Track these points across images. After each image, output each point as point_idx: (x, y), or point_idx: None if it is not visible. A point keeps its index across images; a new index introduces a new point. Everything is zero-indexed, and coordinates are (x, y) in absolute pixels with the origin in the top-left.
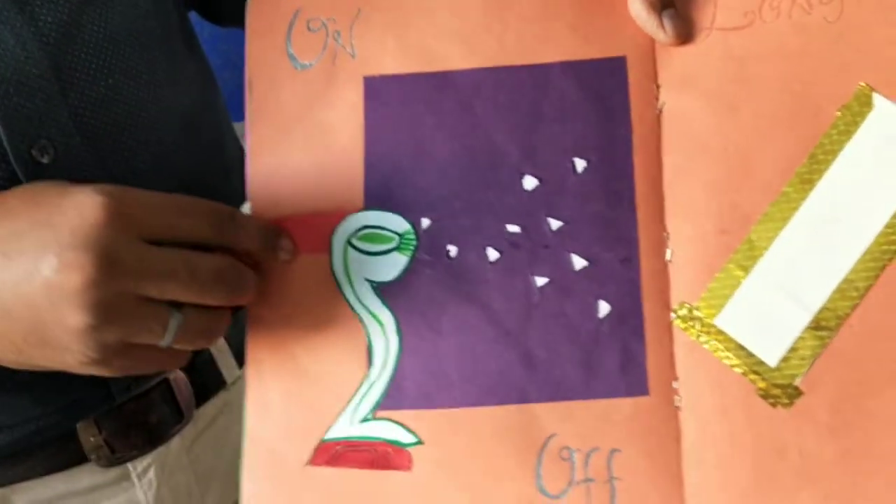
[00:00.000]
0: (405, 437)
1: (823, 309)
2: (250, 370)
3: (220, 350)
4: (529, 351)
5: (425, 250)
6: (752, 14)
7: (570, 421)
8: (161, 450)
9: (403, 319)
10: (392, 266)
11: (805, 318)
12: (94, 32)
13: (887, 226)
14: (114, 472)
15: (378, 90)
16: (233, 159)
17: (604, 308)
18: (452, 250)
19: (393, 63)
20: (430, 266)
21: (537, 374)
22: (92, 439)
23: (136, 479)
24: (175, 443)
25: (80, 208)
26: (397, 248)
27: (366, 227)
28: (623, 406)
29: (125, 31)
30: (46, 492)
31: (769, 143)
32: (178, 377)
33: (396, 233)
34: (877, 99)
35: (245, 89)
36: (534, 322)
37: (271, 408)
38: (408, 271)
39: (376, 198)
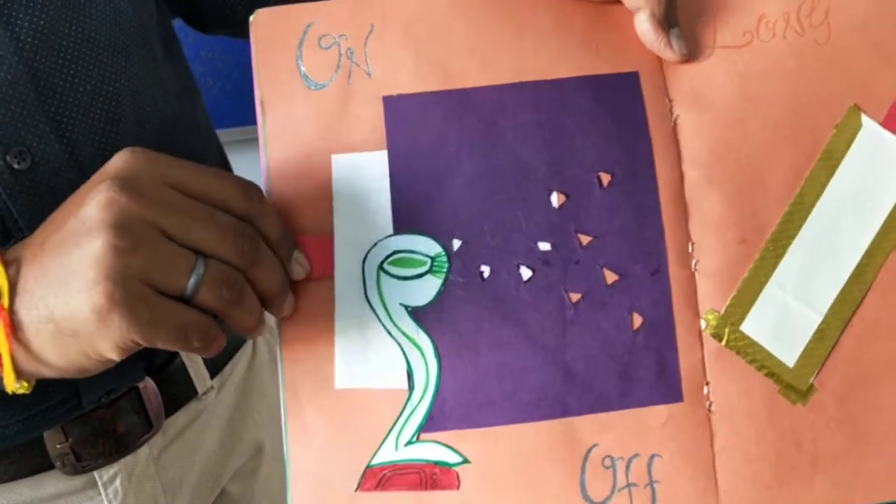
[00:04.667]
0: (451, 458)
1: (831, 311)
2: (288, 398)
3: (193, 360)
4: (567, 365)
5: (458, 272)
6: (750, 34)
7: (610, 431)
8: (128, 459)
9: (441, 342)
10: (426, 289)
11: (816, 320)
12: (72, 38)
13: (878, 233)
14: (80, 480)
15: (398, 110)
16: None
17: (637, 319)
18: (486, 271)
19: (410, 81)
20: (464, 288)
21: (576, 387)
22: (58, 446)
23: (102, 488)
24: (143, 452)
25: (111, 161)
26: (430, 271)
27: (396, 251)
28: (659, 413)
29: (104, 37)
30: (12, 497)
31: (776, 155)
32: (149, 386)
33: (428, 256)
34: (864, 120)
35: (257, 108)
36: (570, 337)
37: (313, 437)
38: (442, 294)
39: (405, 221)
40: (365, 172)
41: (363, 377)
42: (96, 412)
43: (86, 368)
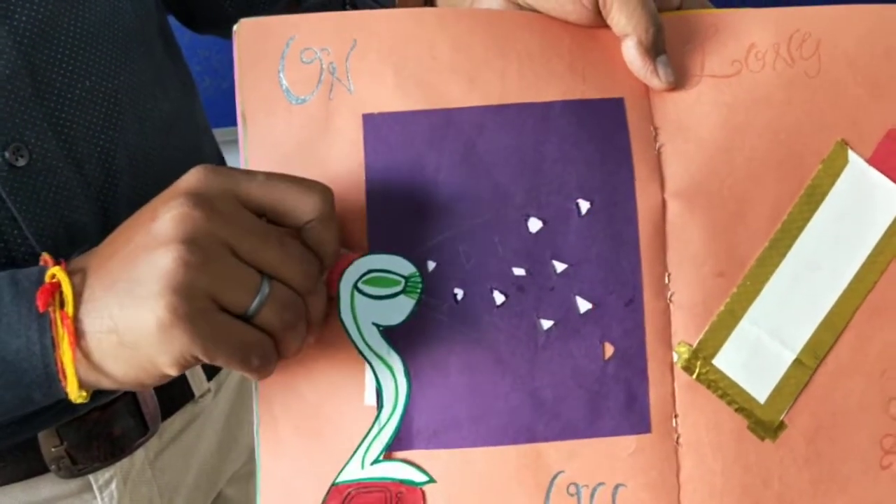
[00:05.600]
0: (417, 477)
1: (805, 349)
2: (261, 407)
3: None
4: (537, 392)
5: (431, 293)
6: (739, 63)
7: (576, 458)
8: (124, 462)
9: (411, 362)
10: (399, 309)
11: (790, 358)
12: (71, 32)
13: (857, 273)
14: (75, 484)
15: (378, 128)
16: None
17: (609, 349)
18: (459, 293)
19: (391, 99)
20: (437, 309)
21: (545, 414)
22: (53, 449)
23: (97, 491)
24: (139, 455)
25: (184, 177)
26: (403, 292)
27: (371, 270)
28: (627, 443)
29: (104, 32)
30: (6, 501)
31: (760, 188)
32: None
33: (402, 276)
34: (851, 156)
35: (238, 121)
36: (540, 364)
37: (283, 447)
38: (414, 315)
39: (380, 240)
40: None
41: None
42: (91, 415)
43: (143, 382)
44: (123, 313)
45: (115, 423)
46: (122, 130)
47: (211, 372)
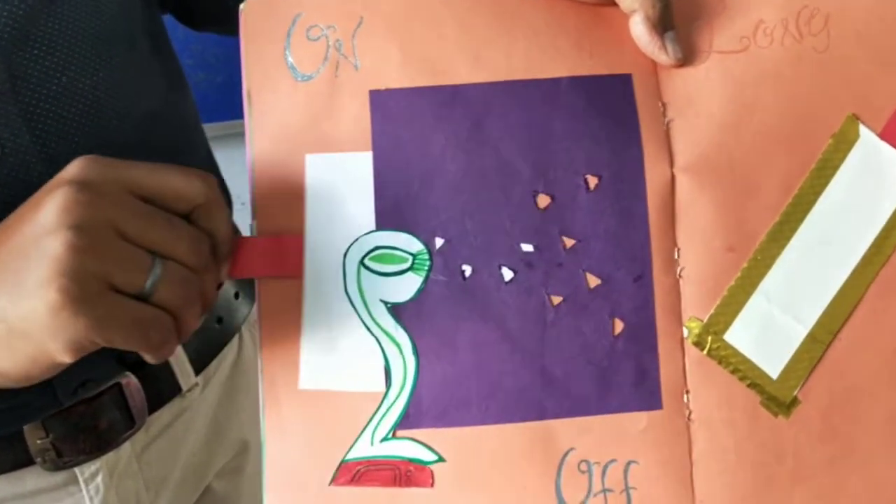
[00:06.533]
0: (426, 455)
1: (818, 324)
2: (266, 392)
3: (177, 357)
4: (546, 368)
5: (439, 271)
6: (747, 39)
7: (587, 435)
8: (110, 455)
9: (420, 340)
10: (406, 286)
11: (802, 333)
12: (51, 30)
13: (870, 248)
14: (60, 476)
15: (385, 104)
16: (200, 162)
17: (618, 325)
18: (467, 270)
19: (398, 76)
20: (445, 286)
21: (555, 390)
22: (39, 442)
23: (83, 484)
24: (125, 449)
25: (67, 167)
26: (411, 269)
27: (378, 247)
28: (638, 419)
29: (84, 28)
30: None
31: (770, 163)
32: (131, 382)
33: (410, 253)
34: (862, 130)
35: (244, 99)
36: (550, 340)
37: (290, 430)
38: (422, 292)
39: (388, 217)
40: (344, 170)
41: (340, 373)
42: (77, 408)
43: (31, 375)
44: (13, 303)
45: (101, 416)
46: (99, 127)
47: (199, 366)
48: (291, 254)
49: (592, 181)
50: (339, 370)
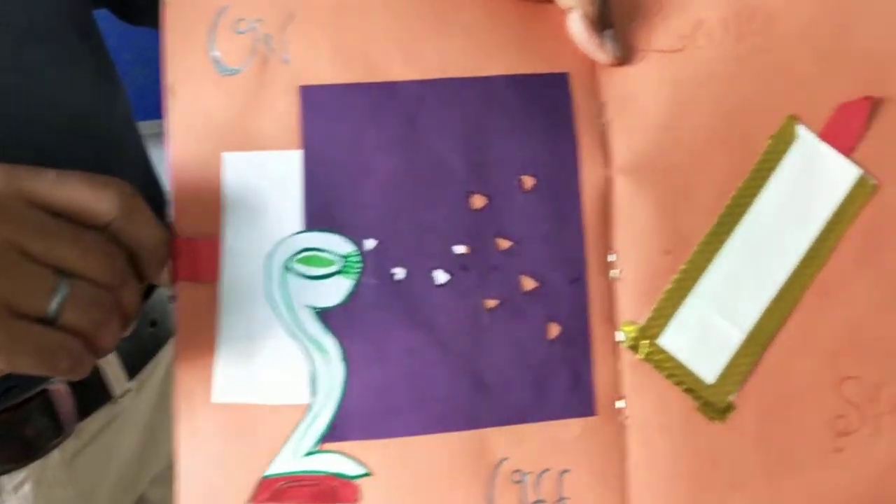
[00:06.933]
0: (352, 469)
1: (755, 328)
2: (181, 402)
3: (108, 361)
4: (480, 375)
5: (370, 273)
6: (686, 38)
7: (521, 444)
8: (38, 464)
9: (349, 346)
10: (335, 290)
11: (739, 337)
12: None
13: (808, 250)
14: None
15: (315, 100)
16: (132, 160)
17: (554, 329)
18: (399, 273)
19: (329, 71)
20: (376, 290)
21: (488, 398)
22: None
23: (12, 492)
24: (54, 457)
25: None
26: (341, 272)
27: (306, 249)
28: (572, 427)
29: (4, 22)
30: None
31: (706, 165)
32: (59, 388)
33: (339, 255)
34: (800, 130)
35: (164, 94)
36: (484, 346)
37: (204, 445)
38: (352, 295)
39: (317, 217)
40: (268, 168)
41: (259, 385)
42: (2, 415)
43: None
44: None
45: (27, 424)
46: (24, 123)
47: (133, 371)
48: (205, 257)
49: (529, 182)
50: (260, 380)
